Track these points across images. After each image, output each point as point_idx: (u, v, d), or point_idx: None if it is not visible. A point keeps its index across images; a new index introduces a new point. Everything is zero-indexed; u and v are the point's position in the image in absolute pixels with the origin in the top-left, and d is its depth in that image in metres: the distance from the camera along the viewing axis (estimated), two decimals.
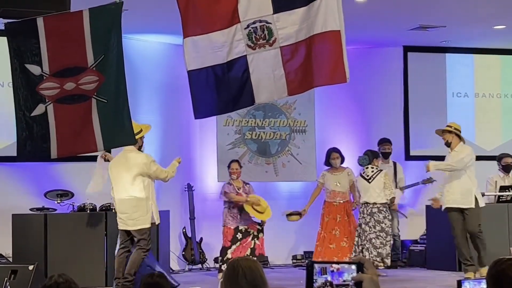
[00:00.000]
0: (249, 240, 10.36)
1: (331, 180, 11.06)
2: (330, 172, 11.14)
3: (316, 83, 6.36)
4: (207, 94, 6.46)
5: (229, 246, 10.31)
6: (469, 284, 4.42)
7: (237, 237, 10.34)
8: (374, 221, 10.42)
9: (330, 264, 2.63)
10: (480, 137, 13.28)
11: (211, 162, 12.32)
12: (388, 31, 12.01)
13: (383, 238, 10.37)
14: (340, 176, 11.07)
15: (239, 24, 6.33)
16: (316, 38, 6.23)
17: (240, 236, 10.35)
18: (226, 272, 3.95)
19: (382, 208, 10.47)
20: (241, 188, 10.60)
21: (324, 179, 11.12)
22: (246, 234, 10.38)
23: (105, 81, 6.70)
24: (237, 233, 10.34)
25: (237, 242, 10.32)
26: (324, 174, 11.17)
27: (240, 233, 10.36)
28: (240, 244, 10.31)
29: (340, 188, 11.00)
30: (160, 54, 12.14)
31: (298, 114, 12.71)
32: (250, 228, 10.43)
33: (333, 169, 11.13)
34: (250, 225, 10.46)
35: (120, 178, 8.88)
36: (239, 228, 10.37)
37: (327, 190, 11.09)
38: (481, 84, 13.46)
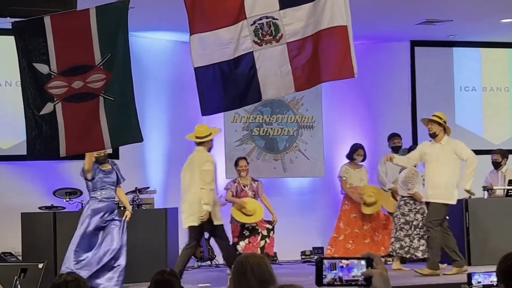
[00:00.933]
0: (259, 239, 10.36)
1: (354, 176, 11.08)
2: (352, 168, 11.15)
3: (323, 78, 6.37)
4: (214, 91, 6.47)
5: (236, 242, 10.32)
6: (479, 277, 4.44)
7: (244, 233, 10.34)
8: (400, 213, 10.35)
9: (340, 260, 2.63)
10: (488, 131, 13.25)
11: (219, 159, 12.29)
12: (395, 26, 11.99)
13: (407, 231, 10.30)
14: (362, 173, 11.15)
15: (246, 21, 6.34)
16: (323, 33, 6.24)
17: (247, 233, 10.34)
18: (235, 269, 3.97)
19: (409, 200, 10.36)
20: (247, 186, 10.60)
21: (348, 174, 11.12)
22: (254, 232, 10.37)
23: (113, 79, 6.73)
24: (244, 230, 10.35)
25: (245, 238, 10.32)
26: (347, 169, 11.17)
27: (247, 230, 10.36)
28: (249, 242, 10.31)
29: (363, 183, 11.06)
30: (167, 51, 12.14)
31: (306, 110, 12.71)
32: (258, 226, 10.42)
33: (354, 165, 11.16)
34: (259, 223, 10.46)
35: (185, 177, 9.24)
36: (246, 225, 10.38)
37: (351, 185, 11.07)
38: (488, 78, 13.43)
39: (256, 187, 10.64)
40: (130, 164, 11.60)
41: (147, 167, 11.83)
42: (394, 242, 10.30)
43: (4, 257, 10.28)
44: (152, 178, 11.72)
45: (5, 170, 11.17)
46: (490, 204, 10.91)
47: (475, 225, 10.72)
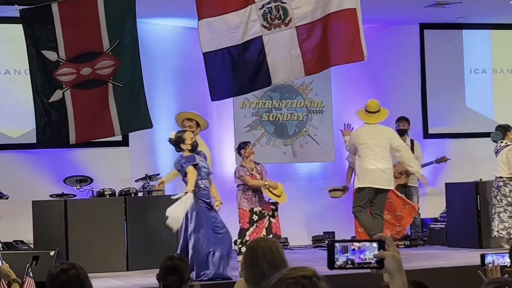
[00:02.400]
0: (265, 221, 10.35)
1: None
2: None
3: (333, 62, 6.35)
4: (223, 76, 6.46)
5: (247, 228, 10.30)
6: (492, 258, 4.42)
7: (253, 219, 10.31)
8: (501, 195, 10.31)
9: (351, 243, 2.61)
10: (498, 113, 13.17)
11: (229, 145, 12.30)
12: (404, 9, 11.92)
13: (510, 212, 10.25)
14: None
15: (254, 5, 6.32)
16: (332, 16, 6.21)
17: (256, 218, 10.32)
18: (246, 254, 3.96)
19: (509, 181, 10.32)
20: (254, 169, 10.56)
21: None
22: (261, 216, 10.35)
23: (121, 66, 6.73)
24: (253, 215, 10.32)
25: (254, 224, 10.30)
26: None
27: (256, 214, 10.33)
28: (257, 226, 10.30)
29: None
30: (175, 38, 12.11)
31: (315, 95, 12.66)
32: (264, 210, 10.40)
33: None
34: (265, 207, 10.43)
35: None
36: (254, 210, 10.35)
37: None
38: (498, 60, 13.35)
39: (260, 170, 10.59)
40: (140, 151, 11.62)
41: (157, 154, 11.82)
42: (497, 224, 10.22)
43: (16, 245, 10.32)
44: (162, 165, 11.71)
45: (15, 158, 11.18)
46: None
47: (486, 208, 10.67)
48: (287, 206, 10.68)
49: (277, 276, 2.44)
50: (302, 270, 2.44)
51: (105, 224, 9.97)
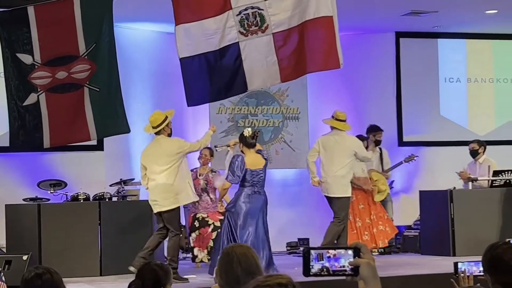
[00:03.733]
0: (209, 231, 10.26)
1: (357, 166, 10.96)
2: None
3: (309, 69, 6.37)
4: (199, 82, 6.46)
5: (189, 233, 10.32)
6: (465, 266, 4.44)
7: (195, 224, 10.29)
8: None
9: (327, 250, 2.62)
10: (472, 122, 13.29)
11: None
12: (380, 17, 11.98)
13: None
14: (362, 163, 11.01)
15: (231, 11, 6.32)
16: (308, 24, 6.23)
17: (197, 224, 10.29)
18: (221, 260, 3.96)
19: None
20: (202, 175, 10.55)
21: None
22: (203, 223, 10.31)
23: (97, 70, 6.71)
24: (195, 221, 10.30)
25: (196, 230, 10.25)
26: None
27: (198, 221, 10.31)
28: (199, 233, 10.25)
29: (365, 174, 10.97)
30: (152, 42, 12.09)
31: (291, 101, 12.69)
32: (209, 217, 10.35)
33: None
34: (210, 214, 10.39)
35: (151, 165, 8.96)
36: (197, 215, 10.34)
37: (353, 177, 10.94)
38: (473, 69, 13.47)
39: (211, 178, 10.55)
40: (115, 155, 11.57)
41: (132, 158, 11.78)
42: None
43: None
44: (137, 169, 11.64)
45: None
46: (475, 195, 10.94)
47: (459, 216, 10.75)
48: None
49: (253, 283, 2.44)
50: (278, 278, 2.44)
51: (79, 228, 9.91)
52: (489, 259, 4.03)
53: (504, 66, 13.58)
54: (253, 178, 8.88)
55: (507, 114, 13.55)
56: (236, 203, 8.84)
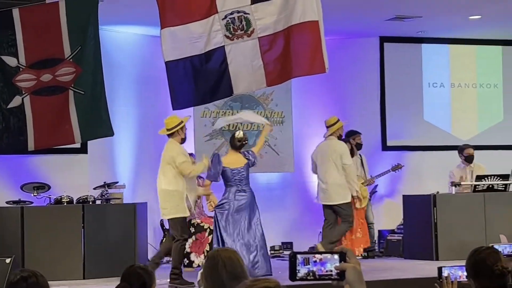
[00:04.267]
0: (206, 235, 10.30)
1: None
2: None
3: (295, 73, 6.38)
4: (185, 85, 6.46)
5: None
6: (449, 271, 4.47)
7: (190, 230, 10.30)
8: None
9: (313, 255, 2.63)
10: (456, 127, 13.36)
11: None
12: (364, 22, 12.03)
13: None
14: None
15: (217, 15, 6.33)
16: (294, 28, 6.24)
17: (193, 230, 10.30)
18: (206, 264, 3.95)
19: None
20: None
21: None
22: (200, 229, 10.32)
23: (82, 73, 6.69)
24: (190, 226, 10.31)
25: (191, 236, 10.25)
26: None
27: (193, 227, 10.31)
28: (196, 239, 10.26)
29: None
30: (136, 45, 12.07)
31: (275, 105, 12.71)
32: (204, 222, 10.37)
33: None
34: (204, 219, 10.42)
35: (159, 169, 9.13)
36: (192, 221, 10.35)
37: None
38: (456, 74, 13.53)
39: (202, 183, 10.60)
40: (99, 158, 11.54)
41: (116, 161, 11.76)
42: None
43: None
44: (121, 172, 11.66)
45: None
46: (458, 200, 11.00)
47: (443, 221, 10.80)
48: None
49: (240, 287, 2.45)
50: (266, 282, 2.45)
51: (62, 231, 9.88)
52: (472, 264, 4.07)
53: (487, 71, 13.66)
54: (234, 176, 9.09)
55: (490, 119, 13.63)
56: (222, 202, 9.01)
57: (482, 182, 11.14)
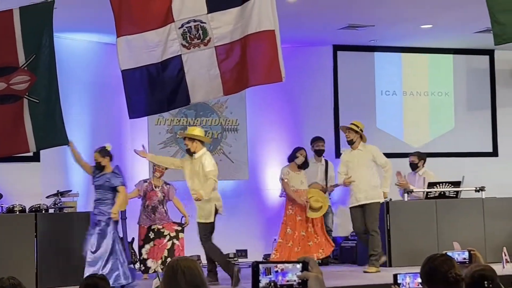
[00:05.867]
0: (165, 241, 10.27)
1: (295, 178, 10.99)
2: (292, 171, 11.06)
3: (251, 82, 6.40)
4: (141, 94, 6.43)
5: (142, 245, 10.27)
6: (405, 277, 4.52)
7: (149, 236, 10.27)
8: None
9: (275, 264, 2.65)
10: (408, 135, 13.52)
11: (143, 162, 12.22)
12: (318, 31, 12.12)
13: None
14: (301, 176, 11.04)
15: (173, 24, 6.32)
16: (251, 37, 6.26)
17: (152, 235, 10.27)
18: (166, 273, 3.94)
19: None
20: (158, 187, 10.56)
21: (289, 176, 11.03)
22: (159, 234, 10.30)
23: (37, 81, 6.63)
24: (149, 232, 10.29)
25: (150, 241, 10.23)
26: (288, 171, 11.07)
27: (153, 232, 10.29)
28: (154, 245, 10.24)
29: (303, 186, 10.99)
30: (90, 53, 12.00)
31: (230, 113, 12.73)
32: (165, 228, 10.36)
33: (293, 167, 11.05)
34: (166, 225, 10.40)
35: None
36: (152, 227, 10.33)
37: (293, 188, 10.98)
38: (408, 83, 13.70)
39: (167, 190, 10.60)
40: (52, 166, 11.43)
41: (69, 169, 11.65)
42: None
43: None
44: (74, 181, 11.56)
45: None
46: (410, 206, 11.12)
47: (395, 227, 10.91)
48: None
49: None
50: None
51: (15, 240, 9.76)
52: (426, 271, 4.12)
53: (438, 80, 13.86)
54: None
55: (441, 126, 13.82)
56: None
57: (433, 189, 11.28)
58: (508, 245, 8.96)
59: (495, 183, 12.74)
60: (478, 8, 8.51)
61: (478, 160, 13.58)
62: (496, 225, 11.27)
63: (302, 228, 10.90)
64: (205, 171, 9.34)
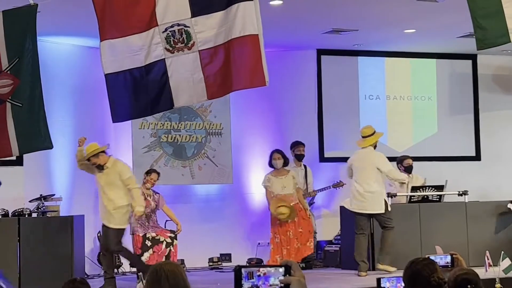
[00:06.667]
0: (163, 247, 10.30)
1: (276, 184, 11.01)
2: (275, 176, 11.06)
3: (235, 86, 6.40)
4: (125, 98, 6.42)
5: (140, 254, 10.24)
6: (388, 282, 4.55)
7: (146, 244, 10.26)
8: None
9: (257, 268, 2.65)
10: (391, 139, 13.55)
11: None
12: (302, 35, 12.14)
13: None
14: (285, 180, 11.05)
15: (157, 28, 6.32)
16: (234, 42, 6.27)
17: (149, 243, 10.27)
18: (149, 277, 3.94)
19: None
20: (150, 196, 10.59)
21: (270, 183, 11.05)
22: (156, 242, 10.30)
23: (20, 85, 6.61)
24: (145, 240, 10.28)
25: (148, 249, 10.23)
26: (270, 178, 11.07)
27: (149, 240, 10.29)
28: (153, 252, 10.24)
29: (286, 191, 10.99)
30: (74, 56, 11.96)
31: (214, 117, 12.73)
32: (159, 235, 10.37)
33: (277, 172, 11.06)
34: (160, 232, 10.42)
35: None
36: (147, 235, 10.32)
37: (273, 194, 11.01)
38: (392, 87, 13.74)
39: (157, 199, 10.64)
40: (35, 170, 11.39)
41: (52, 174, 11.62)
42: None
43: None
44: (57, 185, 11.52)
45: None
46: (394, 210, 11.14)
47: (379, 231, 10.93)
48: (184, 228, 10.69)
49: None
50: None
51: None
52: (409, 275, 4.14)
53: (421, 84, 13.91)
54: None
55: (425, 131, 13.87)
56: None
57: (417, 193, 11.32)
58: (491, 249, 8.98)
59: (478, 187, 12.82)
60: (461, 13, 8.56)
61: (461, 164, 13.64)
62: (478, 229, 11.33)
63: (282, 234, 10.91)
64: (124, 179, 9.34)
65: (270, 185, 10.99)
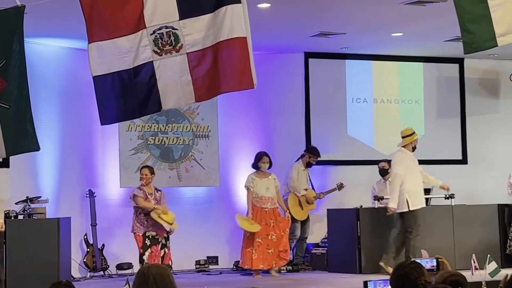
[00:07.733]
0: (159, 249, 10.30)
1: (260, 185, 11.02)
2: (259, 177, 11.08)
3: (223, 89, 6.40)
4: (113, 100, 6.41)
5: (142, 253, 10.26)
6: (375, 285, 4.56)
7: (146, 243, 10.27)
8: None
9: None
10: (378, 142, 13.57)
11: (113, 168, 12.19)
12: (290, 38, 12.15)
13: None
14: (268, 182, 11.08)
15: (145, 30, 6.31)
16: (222, 44, 6.26)
17: (148, 243, 10.28)
18: (136, 279, 3.95)
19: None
20: (152, 195, 10.54)
21: (254, 184, 11.06)
22: (154, 241, 10.31)
23: (7, 86, 6.58)
24: (145, 239, 10.28)
25: (148, 248, 10.25)
26: (254, 179, 11.09)
27: (148, 239, 10.29)
28: (152, 251, 10.25)
29: (270, 193, 11.01)
30: (60, 58, 11.93)
31: (201, 120, 12.72)
32: (158, 235, 10.37)
33: (261, 174, 11.10)
34: (159, 232, 10.41)
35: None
36: (147, 234, 10.31)
37: (256, 195, 11.01)
38: (379, 90, 13.76)
39: (159, 197, 10.59)
40: (21, 172, 11.35)
41: (38, 175, 11.58)
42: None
43: None
44: (44, 187, 11.48)
45: None
46: (380, 213, 11.18)
47: (366, 234, 10.97)
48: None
49: None
50: None
51: None
52: (396, 278, 4.16)
53: (408, 88, 13.94)
54: None
55: None
56: None
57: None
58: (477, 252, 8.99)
59: (465, 190, 12.86)
60: (448, 17, 8.59)
61: (447, 168, 13.67)
62: (465, 232, 11.37)
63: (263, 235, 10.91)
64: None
65: (254, 186, 11.01)
